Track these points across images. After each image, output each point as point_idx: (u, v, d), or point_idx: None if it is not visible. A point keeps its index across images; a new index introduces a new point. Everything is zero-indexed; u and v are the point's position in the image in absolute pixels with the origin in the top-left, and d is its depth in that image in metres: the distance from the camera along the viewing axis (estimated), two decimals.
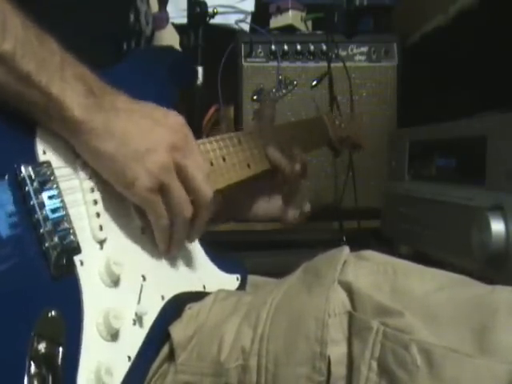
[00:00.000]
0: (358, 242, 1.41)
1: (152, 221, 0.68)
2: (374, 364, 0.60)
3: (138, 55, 0.87)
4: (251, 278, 0.88)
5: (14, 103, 0.60)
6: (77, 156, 0.65)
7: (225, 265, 0.82)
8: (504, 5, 1.15)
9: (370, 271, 0.68)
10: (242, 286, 0.83)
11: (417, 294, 0.63)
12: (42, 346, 0.54)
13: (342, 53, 1.56)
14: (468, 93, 1.31)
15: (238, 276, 0.83)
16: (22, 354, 0.53)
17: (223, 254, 0.85)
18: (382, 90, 1.57)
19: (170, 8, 1.48)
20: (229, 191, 0.86)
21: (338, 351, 0.63)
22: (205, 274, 0.78)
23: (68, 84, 0.60)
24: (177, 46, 1.45)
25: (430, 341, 0.57)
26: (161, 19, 1.40)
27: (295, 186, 0.96)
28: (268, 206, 0.98)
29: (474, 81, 1.30)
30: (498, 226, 0.86)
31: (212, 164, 0.81)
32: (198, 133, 1.41)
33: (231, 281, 0.82)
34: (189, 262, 0.76)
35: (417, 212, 1.18)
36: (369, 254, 0.72)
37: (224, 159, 0.84)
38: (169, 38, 1.45)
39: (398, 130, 1.51)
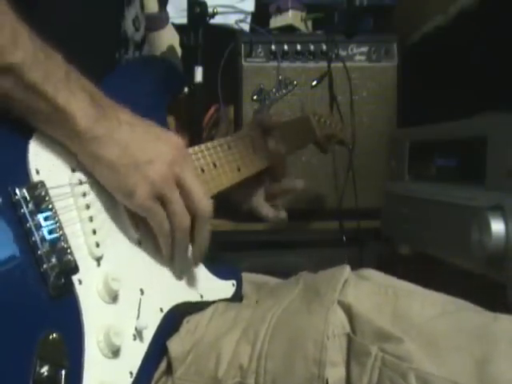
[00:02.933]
0: (358, 242, 1.41)
1: (155, 228, 0.68)
2: None
3: (125, 66, 0.86)
4: (251, 275, 0.88)
5: (18, 112, 0.60)
6: (71, 172, 0.65)
7: (220, 271, 0.81)
8: (504, 5, 1.15)
9: (370, 292, 0.68)
10: (237, 292, 0.83)
11: (418, 319, 0.63)
12: (44, 370, 0.53)
13: (342, 53, 1.55)
14: (468, 93, 1.31)
15: (234, 282, 0.83)
16: (25, 379, 0.52)
17: (221, 254, 0.85)
18: (381, 90, 1.57)
19: (169, 8, 1.47)
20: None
21: (336, 374, 0.63)
22: (201, 282, 0.78)
23: (73, 94, 0.61)
24: (177, 46, 1.45)
25: (429, 370, 0.57)
26: (161, 19, 1.40)
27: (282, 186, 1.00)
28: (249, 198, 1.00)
29: (474, 81, 1.30)
30: (497, 226, 0.86)
31: (203, 171, 0.82)
32: (198, 133, 1.41)
33: (227, 287, 0.82)
34: (185, 272, 0.75)
35: (417, 212, 1.18)
36: (369, 273, 0.72)
37: (215, 165, 0.85)
38: (169, 38, 1.45)
39: (397, 129, 1.51)
